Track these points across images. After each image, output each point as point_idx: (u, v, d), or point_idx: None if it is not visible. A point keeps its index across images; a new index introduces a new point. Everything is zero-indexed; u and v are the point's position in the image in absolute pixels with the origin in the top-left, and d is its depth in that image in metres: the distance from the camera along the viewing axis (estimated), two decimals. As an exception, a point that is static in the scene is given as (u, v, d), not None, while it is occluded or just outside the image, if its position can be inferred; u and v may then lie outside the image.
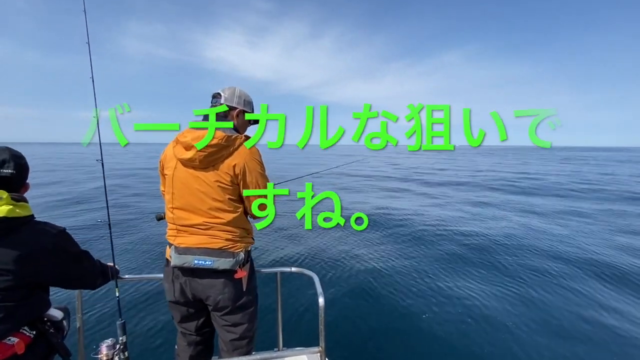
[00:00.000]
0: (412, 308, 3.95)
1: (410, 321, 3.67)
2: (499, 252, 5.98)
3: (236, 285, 1.49)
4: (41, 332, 1.28)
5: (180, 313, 1.58)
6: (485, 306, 3.93)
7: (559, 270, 5.06)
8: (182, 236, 1.47)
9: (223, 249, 1.44)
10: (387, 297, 4.27)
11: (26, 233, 1.19)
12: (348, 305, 4.09)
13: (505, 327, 3.50)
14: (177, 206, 1.47)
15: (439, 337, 3.36)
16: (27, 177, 1.32)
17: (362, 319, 3.76)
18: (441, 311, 3.86)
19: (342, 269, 5.25)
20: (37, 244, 1.20)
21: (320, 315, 1.52)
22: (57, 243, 1.25)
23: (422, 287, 4.55)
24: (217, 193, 1.43)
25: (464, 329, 3.48)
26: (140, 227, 7.64)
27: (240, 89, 1.62)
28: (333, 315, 3.77)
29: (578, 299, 4.15)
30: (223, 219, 1.45)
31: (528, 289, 4.39)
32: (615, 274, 4.95)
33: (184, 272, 1.48)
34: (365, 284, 4.69)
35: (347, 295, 4.35)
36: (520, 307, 3.92)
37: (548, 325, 3.55)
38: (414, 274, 5.02)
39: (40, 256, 1.20)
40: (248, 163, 1.46)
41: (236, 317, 1.53)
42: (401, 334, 3.45)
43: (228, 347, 1.57)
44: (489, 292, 4.31)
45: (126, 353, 1.49)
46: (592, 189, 14.34)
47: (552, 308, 3.91)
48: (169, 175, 1.49)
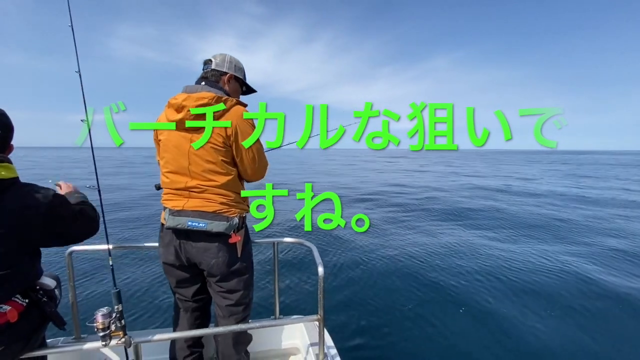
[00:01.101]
0: (410, 283, 4.07)
1: (407, 294, 3.78)
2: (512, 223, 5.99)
3: (230, 250, 1.48)
4: (34, 300, 1.24)
5: (175, 277, 1.57)
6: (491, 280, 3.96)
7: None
8: (177, 199, 1.46)
9: (217, 212, 1.43)
10: (384, 272, 4.38)
11: (12, 196, 1.10)
12: (346, 277, 4.19)
13: (506, 315, 3.49)
14: (170, 170, 1.47)
15: (434, 311, 3.44)
16: (11, 138, 1.22)
17: (359, 290, 3.85)
18: (439, 288, 3.95)
19: (341, 243, 5.40)
20: (25, 206, 1.11)
21: (320, 284, 1.51)
22: (47, 204, 1.15)
23: (422, 263, 4.67)
24: (210, 154, 1.41)
25: (457, 306, 3.55)
26: (135, 199, 7.64)
27: (231, 56, 1.61)
28: (330, 287, 3.85)
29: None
30: (217, 181, 1.43)
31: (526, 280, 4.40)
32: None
33: (178, 234, 1.46)
34: (363, 258, 4.82)
35: (344, 268, 4.45)
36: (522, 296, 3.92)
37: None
38: (414, 251, 5.15)
39: (29, 218, 1.11)
40: (240, 125, 1.44)
41: (231, 284, 1.52)
42: (398, 307, 3.53)
43: (224, 312, 1.56)
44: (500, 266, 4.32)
45: (122, 321, 1.45)
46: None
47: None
48: (163, 140, 1.48)
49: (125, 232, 6.16)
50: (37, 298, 1.26)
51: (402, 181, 16.33)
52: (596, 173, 22.53)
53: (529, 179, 18.31)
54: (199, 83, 1.52)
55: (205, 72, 1.57)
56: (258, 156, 1.52)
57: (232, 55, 1.61)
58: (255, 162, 1.52)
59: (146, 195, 10.54)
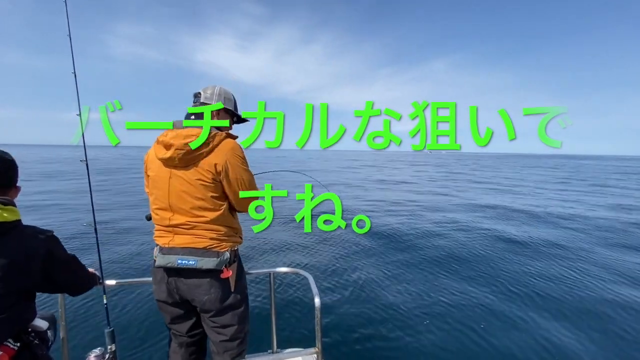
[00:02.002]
0: (411, 311, 3.90)
1: (408, 324, 3.63)
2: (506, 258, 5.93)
3: (223, 285, 1.45)
4: (25, 343, 1.22)
5: (169, 314, 1.54)
6: (491, 312, 3.87)
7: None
8: (167, 236, 1.45)
9: (207, 249, 1.41)
10: (383, 300, 4.21)
11: (14, 238, 1.13)
12: (344, 307, 4.04)
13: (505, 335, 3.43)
14: (160, 207, 1.45)
15: (436, 340, 3.31)
16: (16, 179, 1.24)
17: (358, 320, 3.70)
18: (441, 315, 3.80)
19: (337, 270, 5.20)
20: (26, 249, 1.14)
21: (317, 316, 1.49)
22: (47, 248, 1.20)
23: (422, 291, 4.48)
24: (199, 191, 1.39)
25: (462, 335, 3.42)
26: (128, 230, 7.54)
27: (221, 87, 1.59)
28: (329, 317, 3.72)
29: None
30: (206, 217, 1.41)
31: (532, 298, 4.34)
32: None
33: (169, 272, 1.44)
34: (362, 286, 4.63)
35: (342, 297, 4.30)
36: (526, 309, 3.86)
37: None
38: (412, 278, 4.96)
39: (29, 261, 1.15)
40: (230, 160, 1.42)
41: (225, 319, 1.49)
42: (398, 336, 3.40)
43: (219, 348, 1.53)
44: (492, 298, 4.25)
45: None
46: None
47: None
48: (152, 176, 1.47)
49: (119, 267, 5.70)
50: (28, 341, 1.22)
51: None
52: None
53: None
54: (189, 118, 1.50)
55: (195, 105, 1.54)
56: (250, 188, 1.50)
57: (221, 87, 1.60)
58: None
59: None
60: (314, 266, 5.41)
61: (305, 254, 6.03)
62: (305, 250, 6.29)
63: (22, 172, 1.26)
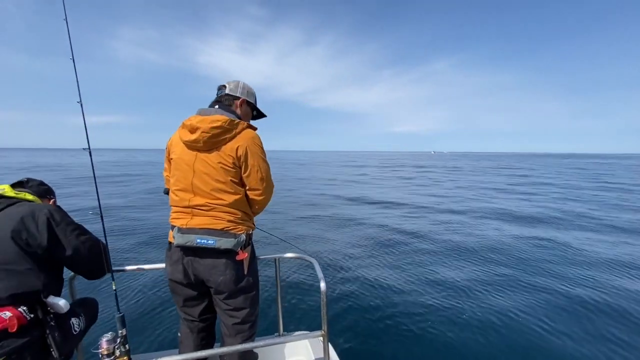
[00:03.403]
0: (416, 296, 3.97)
1: (412, 310, 3.68)
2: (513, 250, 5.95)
3: (237, 267, 1.50)
4: (39, 318, 1.22)
5: (182, 295, 1.58)
6: (493, 301, 3.91)
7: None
8: (185, 217, 1.49)
9: (225, 230, 1.46)
10: (389, 285, 4.29)
11: (22, 205, 1.35)
12: (348, 291, 4.11)
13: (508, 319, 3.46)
14: (180, 188, 1.50)
15: (441, 325, 3.35)
16: (49, 197, 1.59)
17: (363, 304, 3.77)
18: (444, 301, 3.86)
19: (343, 258, 5.29)
20: (32, 209, 1.32)
21: (322, 299, 1.51)
22: (50, 210, 1.36)
23: (426, 277, 4.56)
24: (220, 174, 1.46)
25: (465, 319, 3.47)
26: (135, 219, 7.64)
27: (244, 82, 1.71)
28: (334, 303, 3.79)
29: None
30: (225, 200, 1.47)
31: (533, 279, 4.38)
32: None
33: (186, 252, 1.48)
34: (366, 271, 4.72)
35: (347, 282, 4.38)
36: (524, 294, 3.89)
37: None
38: (418, 264, 5.06)
39: (35, 218, 1.29)
40: (250, 146, 1.49)
41: (238, 301, 1.53)
42: (403, 322, 3.44)
43: (230, 331, 1.57)
44: (499, 286, 4.30)
45: (127, 346, 1.46)
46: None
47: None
48: (175, 159, 1.53)
49: (128, 254, 5.79)
50: (44, 318, 1.23)
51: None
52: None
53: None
54: (213, 106, 1.60)
55: (220, 96, 1.66)
56: (266, 177, 1.57)
57: (244, 82, 1.71)
58: (264, 182, 1.56)
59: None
60: (320, 253, 5.52)
61: (311, 242, 6.15)
62: (311, 238, 6.42)
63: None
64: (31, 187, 1.52)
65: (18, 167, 27.98)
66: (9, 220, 1.27)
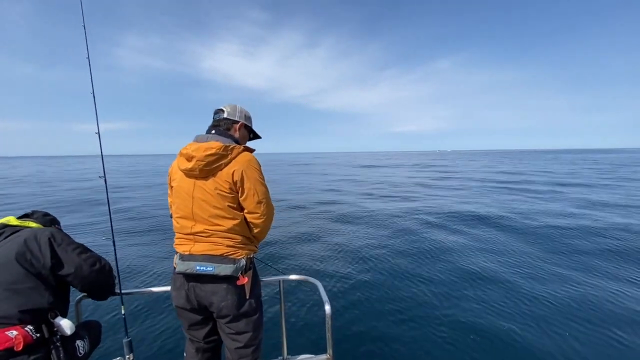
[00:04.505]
0: (424, 319, 3.81)
1: (420, 330, 3.54)
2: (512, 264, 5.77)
3: (239, 292, 1.51)
4: (45, 338, 1.23)
5: (187, 320, 1.61)
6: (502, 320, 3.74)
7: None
8: (187, 244, 1.52)
9: (224, 256, 1.47)
10: (395, 304, 4.15)
11: (26, 231, 1.41)
12: (353, 313, 3.99)
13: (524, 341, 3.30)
14: (181, 215, 1.54)
15: (450, 346, 3.23)
16: (54, 224, 1.65)
17: (368, 327, 3.64)
18: (453, 320, 3.71)
19: (347, 277, 5.14)
20: (35, 232, 1.40)
21: (327, 322, 1.50)
22: (52, 231, 1.43)
23: (434, 295, 4.40)
24: (217, 201, 1.48)
25: (476, 341, 3.32)
26: (144, 241, 7.62)
27: (240, 106, 1.75)
28: (338, 324, 3.68)
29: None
30: (223, 225, 1.49)
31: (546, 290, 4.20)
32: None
33: (188, 278, 1.51)
34: (372, 291, 4.57)
35: (351, 303, 4.25)
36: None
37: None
38: (423, 281, 4.88)
39: (37, 240, 1.36)
40: (246, 170, 1.51)
41: (240, 325, 1.54)
42: (411, 342, 3.32)
43: (234, 355, 1.58)
44: (506, 306, 4.11)
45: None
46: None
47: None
48: (175, 187, 1.57)
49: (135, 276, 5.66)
50: (50, 339, 1.24)
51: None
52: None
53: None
54: (210, 131, 1.62)
55: (218, 120, 1.68)
56: (264, 200, 1.56)
57: (241, 106, 1.75)
58: (261, 205, 1.55)
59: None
60: (324, 272, 5.40)
61: (314, 261, 6.03)
62: (314, 257, 6.29)
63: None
64: (36, 218, 1.59)
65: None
66: (13, 245, 1.33)
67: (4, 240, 1.36)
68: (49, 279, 1.33)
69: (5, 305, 1.18)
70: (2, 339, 1.10)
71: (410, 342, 3.30)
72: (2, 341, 1.10)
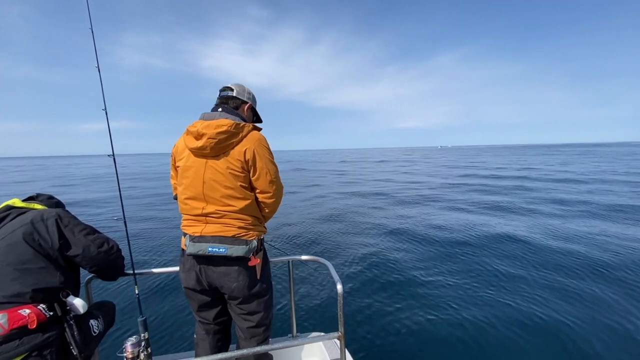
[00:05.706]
0: (434, 300, 3.81)
1: (430, 312, 3.54)
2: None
3: (250, 273, 1.50)
4: (58, 317, 1.25)
5: (197, 302, 1.59)
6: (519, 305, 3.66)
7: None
8: (196, 225, 1.48)
9: (236, 237, 1.45)
10: (405, 288, 4.16)
11: (32, 212, 1.40)
12: (365, 291, 4.02)
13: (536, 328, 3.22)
14: (189, 196, 1.49)
15: (460, 330, 3.21)
16: (59, 207, 1.61)
17: (378, 307, 3.67)
18: (463, 304, 3.69)
19: (357, 259, 5.16)
20: (42, 213, 1.39)
21: (339, 301, 1.50)
22: (58, 212, 1.41)
23: (443, 278, 4.39)
24: (229, 180, 1.43)
25: (488, 324, 3.29)
26: (155, 222, 7.87)
27: (246, 86, 1.69)
28: (349, 303, 3.72)
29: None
30: (235, 206, 1.45)
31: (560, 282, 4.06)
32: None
33: (199, 260, 1.49)
34: (382, 273, 4.60)
35: (364, 281, 4.28)
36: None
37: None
38: (434, 265, 4.86)
39: (45, 220, 1.35)
40: (257, 149, 1.47)
41: (252, 306, 1.54)
42: (420, 323, 3.33)
43: (245, 334, 1.59)
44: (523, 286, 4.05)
45: (149, 349, 1.49)
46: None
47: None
48: (182, 167, 1.50)
49: (147, 256, 5.80)
50: (63, 317, 1.25)
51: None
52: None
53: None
54: (216, 109, 1.56)
55: (225, 98, 1.61)
56: (275, 179, 1.54)
57: (246, 86, 1.70)
58: (273, 185, 1.53)
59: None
60: (334, 253, 5.43)
61: (325, 243, 6.06)
62: (325, 239, 6.33)
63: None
64: (41, 200, 1.57)
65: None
66: (20, 225, 1.32)
67: (11, 222, 1.36)
68: (58, 259, 1.33)
69: (17, 284, 1.19)
70: (15, 317, 1.11)
71: (419, 328, 3.29)
72: (16, 319, 1.11)
